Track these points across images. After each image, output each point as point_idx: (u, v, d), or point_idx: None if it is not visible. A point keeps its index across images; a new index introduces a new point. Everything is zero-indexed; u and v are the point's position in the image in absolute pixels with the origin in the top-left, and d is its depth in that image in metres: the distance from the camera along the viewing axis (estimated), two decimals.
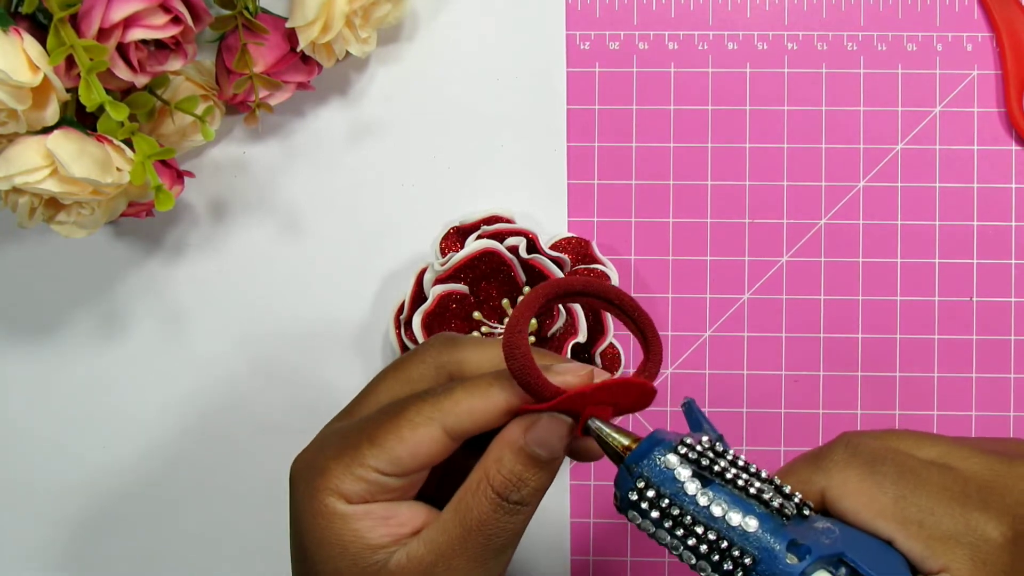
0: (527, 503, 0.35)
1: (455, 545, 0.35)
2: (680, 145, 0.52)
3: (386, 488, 0.35)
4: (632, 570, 0.52)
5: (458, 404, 0.35)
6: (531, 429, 0.34)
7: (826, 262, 0.51)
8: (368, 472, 0.35)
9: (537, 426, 0.34)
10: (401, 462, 0.35)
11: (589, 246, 0.51)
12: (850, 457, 0.34)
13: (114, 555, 0.53)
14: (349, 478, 0.35)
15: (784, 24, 0.52)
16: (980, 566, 0.32)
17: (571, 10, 0.52)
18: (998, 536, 0.33)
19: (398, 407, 0.36)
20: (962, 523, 0.33)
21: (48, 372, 0.53)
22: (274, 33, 0.48)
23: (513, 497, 0.35)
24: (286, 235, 0.52)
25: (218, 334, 0.52)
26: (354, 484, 0.35)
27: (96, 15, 0.42)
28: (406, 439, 0.35)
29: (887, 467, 0.34)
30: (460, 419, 0.35)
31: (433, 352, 0.38)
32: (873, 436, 0.36)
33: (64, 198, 0.44)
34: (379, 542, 0.35)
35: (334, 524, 0.35)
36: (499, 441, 0.35)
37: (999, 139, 0.51)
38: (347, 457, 0.35)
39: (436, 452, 0.35)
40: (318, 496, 0.35)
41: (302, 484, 0.36)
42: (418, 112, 0.52)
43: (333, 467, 0.35)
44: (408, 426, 0.35)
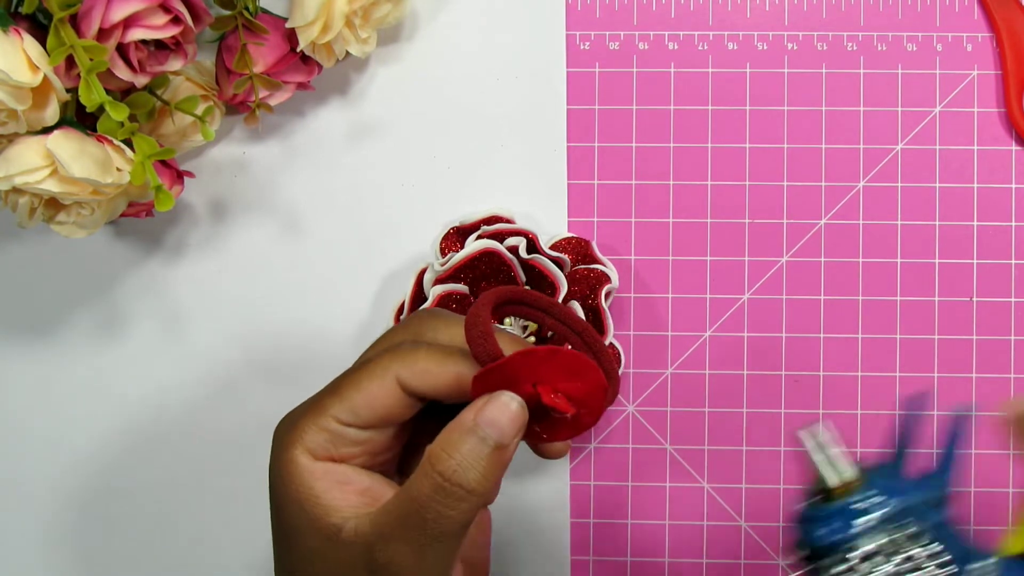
0: (472, 489, 0.34)
1: (395, 527, 0.34)
2: (680, 145, 0.52)
3: (347, 439, 0.36)
4: (632, 570, 0.52)
5: (416, 361, 0.35)
6: (482, 410, 0.34)
7: (826, 262, 0.51)
8: (329, 421, 0.35)
9: (488, 407, 0.34)
10: (358, 411, 0.35)
11: (589, 246, 0.51)
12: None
13: (113, 555, 0.53)
14: (312, 428, 0.36)
15: (784, 24, 0.52)
16: None
17: (571, 10, 0.52)
18: None
19: (364, 362, 0.36)
20: None
21: (48, 372, 0.53)
22: (274, 33, 0.48)
23: (456, 479, 0.34)
24: (286, 235, 0.52)
25: (218, 334, 0.52)
26: (316, 435, 0.36)
27: (96, 15, 0.42)
28: (363, 388, 0.35)
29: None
30: (414, 374, 0.35)
31: (416, 323, 0.38)
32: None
33: (64, 198, 0.44)
34: (334, 504, 0.35)
35: (294, 478, 0.36)
36: (451, 424, 0.35)
37: (999, 139, 0.51)
38: (313, 410, 0.36)
39: (391, 404, 0.35)
40: (286, 450, 0.36)
41: (275, 444, 0.37)
42: (418, 112, 0.52)
43: (300, 420, 0.36)
44: (367, 376, 0.36)
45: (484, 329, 0.34)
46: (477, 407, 0.34)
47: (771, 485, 0.52)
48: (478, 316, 0.35)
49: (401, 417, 0.36)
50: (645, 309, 0.52)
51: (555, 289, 0.48)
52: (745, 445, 0.52)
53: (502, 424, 0.34)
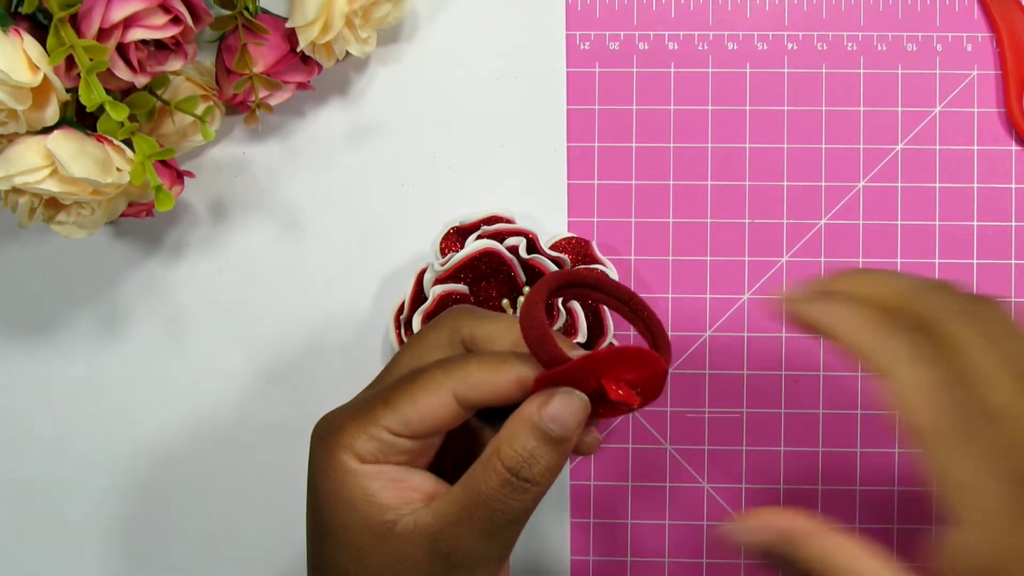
0: (537, 482, 0.35)
1: (461, 516, 0.35)
2: (680, 145, 0.52)
3: (397, 449, 0.36)
4: (632, 570, 0.52)
5: (470, 374, 0.36)
6: (545, 405, 0.35)
7: (826, 262, 0.51)
8: (380, 431, 0.36)
9: (552, 402, 0.35)
10: (411, 423, 0.36)
11: (589, 246, 0.51)
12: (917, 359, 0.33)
13: (113, 554, 0.53)
14: (363, 437, 0.36)
15: (784, 24, 0.52)
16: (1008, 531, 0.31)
17: (571, 10, 0.52)
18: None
19: (414, 374, 0.37)
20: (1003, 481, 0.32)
21: (48, 372, 0.53)
22: (274, 33, 0.48)
23: (523, 474, 0.35)
24: (286, 235, 0.52)
25: (218, 334, 0.52)
26: (367, 443, 0.36)
27: (96, 15, 0.42)
28: (417, 401, 0.36)
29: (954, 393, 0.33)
30: (470, 387, 0.36)
31: (450, 321, 0.39)
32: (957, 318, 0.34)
33: (64, 198, 0.44)
34: (388, 503, 0.36)
35: (346, 481, 0.36)
36: (514, 418, 0.36)
37: (999, 139, 0.51)
38: (362, 417, 0.36)
39: (445, 417, 0.36)
40: (333, 453, 0.36)
41: (320, 443, 0.37)
42: (418, 112, 0.52)
43: (348, 426, 0.37)
44: (420, 390, 0.36)
45: (542, 332, 0.35)
46: (540, 402, 0.35)
47: (771, 485, 0.52)
48: (534, 319, 0.35)
49: (452, 426, 0.37)
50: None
51: None
52: (745, 445, 0.52)
53: (566, 419, 0.35)
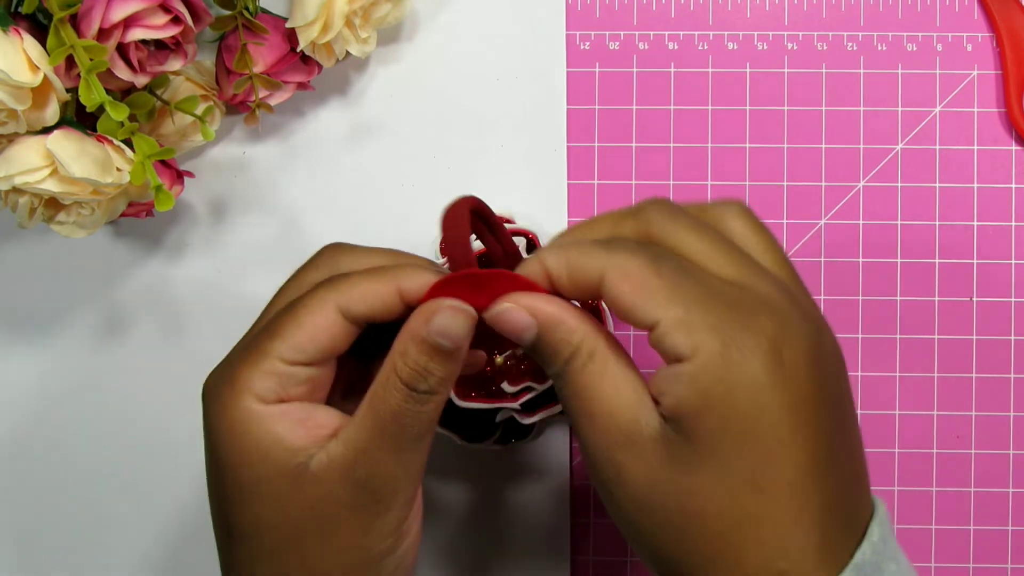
0: (435, 391, 0.35)
1: (372, 439, 0.35)
2: (680, 145, 0.52)
3: (296, 379, 0.36)
4: (632, 570, 0.52)
5: (353, 286, 0.36)
6: (432, 318, 0.35)
7: (826, 262, 0.51)
8: (275, 363, 0.35)
9: (438, 315, 0.35)
10: (304, 347, 0.35)
11: None
12: (637, 248, 0.34)
13: (113, 554, 0.53)
14: (258, 375, 0.35)
15: (784, 24, 0.52)
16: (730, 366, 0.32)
17: (571, 10, 0.52)
18: (756, 347, 0.32)
19: (295, 301, 0.36)
20: (727, 320, 0.32)
21: (48, 372, 0.53)
22: (274, 33, 0.48)
23: (421, 387, 0.35)
24: (286, 235, 0.52)
25: (218, 334, 0.52)
26: (264, 380, 0.35)
27: (96, 15, 0.42)
28: (304, 324, 0.35)
29: (670, 262, 0.34)
30: (354, 300, 0.36)
31: (326, 256, 0.39)
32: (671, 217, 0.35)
33: (64, 198, 0.44)
34: (299, 443, 0.35)
35: (251, 429, 0.35)
36: (403, 333, 0.35)
37: (999, 139, 0.51)
38: (253, 356, 0.36)
39: (336, 335, 0.36)
40: (232, 403, 0.35)
41: (213, 401, 0.36)
42: (418, 112, 0.52)
43: (241, 370, 0.36)
44: (305, 311, 0.36)
45: (463, 234, 0.35)
46: (426, 315, 0.35)
47: None
48: (459, 219, 0.35)
49: (344, 347, 0.36)
50: None
51: None
52: None
53: (454, 332, 0.35)
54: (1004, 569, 0.51)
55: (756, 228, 0.36)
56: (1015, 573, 0.51)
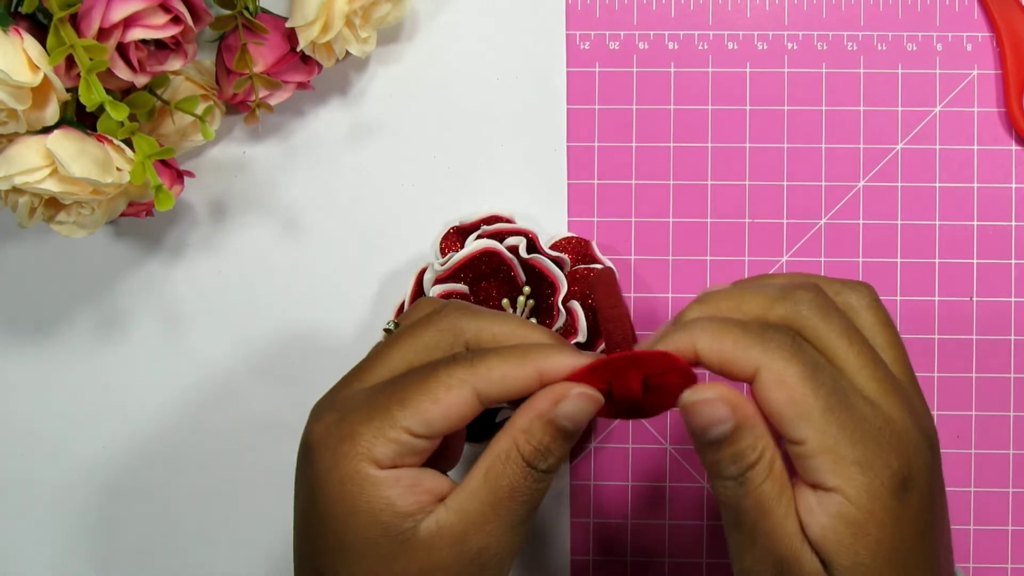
0: (551, 471, 0.36)
1: (487, 512, 0.35)
2: (680, 145, 0.52)
3: (414, 450, 0.36)
4: (632, 570, 0.52)
5: (492, 369, 0.36)
6: (562, 402, 0.35)
7: (826, 262, 0.51)
8: (400, 434, 0.35)
9: (569, 401, 0.35)
10: (432, 424, 0.35)
11: (589, 246, 0.51)
12: (795, 351, 0.35)
13: (113, 554, 0.53)
14: (380, 440, 0.35)
15: (784, 24, 0.52)
16: (869, 500, 0.34)
17: (571, 10, 0.52)
18: (894, 481, 0.34)
19: (428, 370, 0.36)
20: (872, 455, 0.34)
21: (48, 372, 0.53)
22: (274, 33, 0.48)
23: (541, 465, 0.36)
24: (286, 235, 0.52)
25: (218, 334, 0.52)
26: (385, 447, 0.35)
27: (96, 15, 0.42)
28: (440, 400, 0.35)
29: (826, 377, 0.35)
30: (492, 384, 0.35)
31: (449, 320, 0.38)
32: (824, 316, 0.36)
33: (64, 198, 0.44)
34: (407, 509, 0.35)
35: (364, 491, 0.35)
36: (528, 411, 0.36)
37: (999, 139, 0.51)
38: (377, 420, 0.35)
39: (466, 415, 0.36)
40: (347, 462, 0.35)
41: (325, 452, 0.36)
42: (418, 112, 0.52)
43: (362, 431, 0.35)
44: (442, 388, 0.35)
45: (624, 314, 0.35)
46: (553, 397, 0.35)
47: None
48: (616, 296, 0.35)
49: (469, 420, 0.36)
50: (645, 309, 0.52)
51: (555, 289, 0.48)
52: None
53: (580, 417, 0.35)
54: (1004, 569, 0.51)
55: (883, 322, 0.38)
56: (1015, 573, 0.51)
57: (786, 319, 0.36)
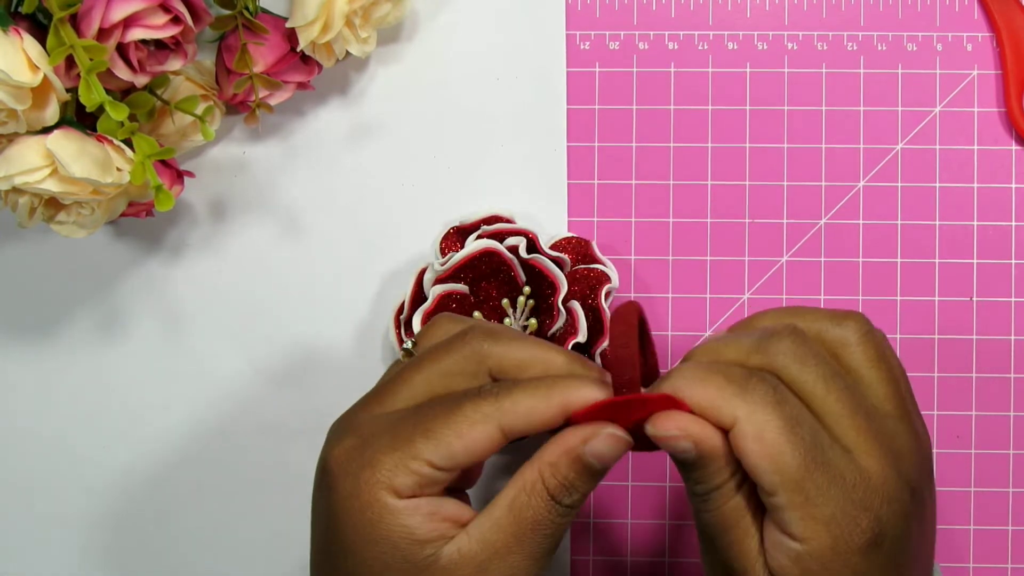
0: (575, 507, 0.36)
1: (510, 543, 0.35)
2: (680, 145, 0.52)
3: (435, 481, 0.36)
4: (632, 570, 0.52)
5: (517, 404, 0.35)
6: (591, 441, 0.35)
7: (826, 262, 0.51)
8: (422, 466, 0.35)
9: (598, 439, 0.35)
10: (456, 457, 0.35)
11: (589, 246, 0.51)
12: (775, 403, 0.35)
13: (114, 554, 0.53)
14: (402, 470, 0.35)
15: (784, 24, 0.52)
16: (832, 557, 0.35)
17: (571, 10, 0.52)
18: (861, 539, 0.35)
19: (453, 402, 0.36)
20: (841, 514, 0.34)
21: (48, 372, 0.53)
22: (274, 33, 0.48)
23: (566, 501, 0.36)
24: (286, 235, 0.52)
25: (218, 334, 0.52)
26: (406, 477, 0.35)
27: (96, 15, 0.42)
28: (464, 435, 0.35)
29: (804, 432, 0.35)
30: (518, 419, 0.35)
31: (472, 346, 0.38)
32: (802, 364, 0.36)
33: (64, 198, 0.44)
34: (427, 537, 0.35)
35: (384, 519, 0.35)
36: (556, 447, 0.36)
37: (999, 139, 0.51)
38: (400, 450, 0.35)
39: (490, 450, 0.36)
40: (367, 489, 0.35)
41: (346, 478, 0.36)
42: (418, 112, 0.52)
43: (384, 460, 0.35)
44: (466, 422, 0.35)
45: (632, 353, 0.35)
46: (584, 436, 0.35)
47: None
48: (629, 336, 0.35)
49: (493, 453, 0.36)
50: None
51: (555, 289, 0.48)
52: None
53: (609, 457, 0.36)
54: (1004, 569, 0.51)
55: (875, 357, 0.38)
56: (1015, 573, 0.51)
57: (764, 365, 0.36)
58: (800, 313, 0.39)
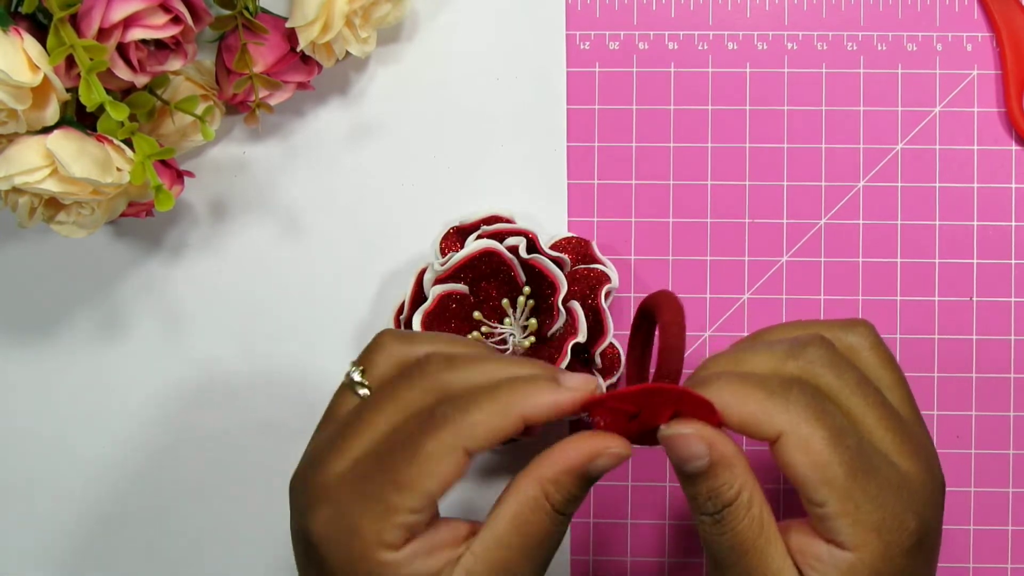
0: (572, 513, 0.37)
1: (515, 558, 0.36)
2: (680, 145, 0.52)
3: (423, 519, 0.36)
4: (632, 570, 0.52)
5: (476, 427, 0.35)
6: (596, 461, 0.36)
7: (826, 262, 0.51)
8: (405, 516, 0.35)
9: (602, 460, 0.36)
10: (432, 495, 0.35)
11: (589, 246, 0.51)
12: (819, 414, 0.35)
13: (113, 555, 0.53)
14: (387, 527, 0.35)
15: (784, 24, 0.52)
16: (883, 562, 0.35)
17: (571, 10, 0.52)
18: (909, 541, 0.35)
19: (412, 443, 0.35)
20: (890, 520, 0.35)
21: (48, 372, 0.53)
22: (274, 33, 0.48)
23: (569, 511, 0.36)
24: (286, 235, 0.52)
25: (218, 334, 0.52)
26: (394, 532, 0.35)
27: (96, 15, 0.42)
28: (433, 473, 0.35)
29: (850, 441, 0.35)
30: (479, 440, 0.35)
31: (431, 379, 0.37)
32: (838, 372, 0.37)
33: (64, 198, 0.44)
34: (433, 571, 0.35)
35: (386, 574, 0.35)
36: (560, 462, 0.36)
37: (999, 139, 0.51)
38: (378, 510, 0.35)
39: (462, 472, 0.36)
40: (363, 555, 0.35)
41: (337, 548, 0.36)
42: (418, 112, 0.52)
43: (366, 525, 0.35)
44: (431, 460, 0.35)
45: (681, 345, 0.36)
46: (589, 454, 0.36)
47: (770, 485, 0.52)
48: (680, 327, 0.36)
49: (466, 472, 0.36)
50: None
51: (555, 289, 0.48)
52: (745, 446, 0.52)
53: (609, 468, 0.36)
54: (1004, 569, 0.51)
55: (886, 362, 0.39)
56: (1015, 573, 0.51)
57: (799, 375, 0.37)
58: (811, 324, 0.40)
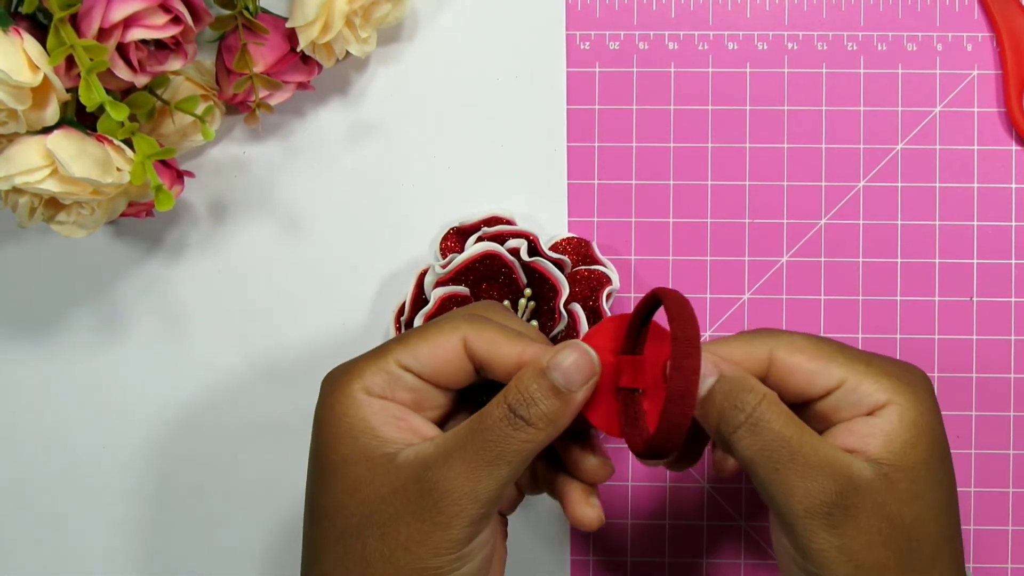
0: (532, 423, 0.37)
1: (456, 447, 0.36)
2: (680, 145, 0.52)
3: (404, 384, 0.38)
4: (632, 570, 0.52)
5: (485, 329, 0.38)
6: (556, 355, 0.37)
7: (826, 262, 0.51)
8: (390, 363, 0.38)
9: (563, 351, 0.37)
10: (419, 358, 0.38)
11: (589, 246, 0.51)
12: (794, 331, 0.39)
13: (114, 554, 0.53)
14: (371, 369, 0.38)
15: (784, 24, 0.52)
16: (918, 404, 0.37)
17: (571, 10, 0.52)
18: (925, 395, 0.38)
19: (431, 322, 0.39)
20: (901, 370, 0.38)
21: (48, 372, 0.53)
22: (274, 33, 0.48)
23: (520, 411, 0.36)
24: (286, 235, 0.52)
25: (218, 334, 0.52)
26: (375, 375, 0.38)
27: (96, 15, 0.42)
28: (429, 339, 0.38)
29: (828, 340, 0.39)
30: (480, 340, 0.38)
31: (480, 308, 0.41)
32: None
33: (64, 198, 0.44)
34: (388, 435, 0.37)
35: (348, 411, 0.38)
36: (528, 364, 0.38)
37: (999, 139, 0.51)
38: (374, 355, 0.39)
39: (452, 362, 0.38)
40: (341, 389, 0.38)
41: (329, 386, 0.39)
42: (418, 112, 0.52)
43: (363, 366, 0.38)
44: (435, 330, 0.38)
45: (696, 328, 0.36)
46: (552, 352, 0.37)
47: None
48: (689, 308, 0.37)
49: (456, 382, 0.38)
50: None
51: (556, 292, 0.48)
52: None
53: (570, 371, 0.37)
54: (1004, 569, 0.51)
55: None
56: (1015, 573, 0.51)
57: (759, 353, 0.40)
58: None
